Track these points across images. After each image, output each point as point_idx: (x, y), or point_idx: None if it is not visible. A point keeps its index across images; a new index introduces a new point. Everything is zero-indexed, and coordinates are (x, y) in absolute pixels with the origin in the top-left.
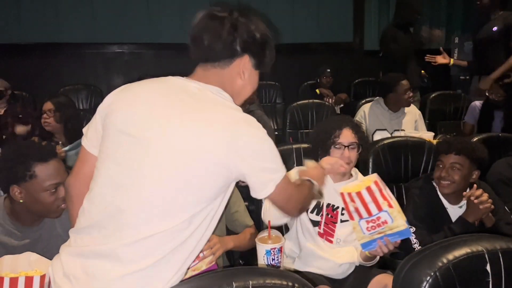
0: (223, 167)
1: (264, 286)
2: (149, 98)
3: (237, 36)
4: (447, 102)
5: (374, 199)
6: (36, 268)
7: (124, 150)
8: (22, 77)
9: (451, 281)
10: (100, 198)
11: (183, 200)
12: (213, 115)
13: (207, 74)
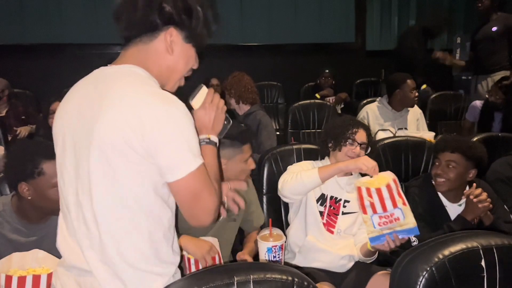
0: (132, 148)
1: (264, 281)
2: (71, 101)
3: (155, 6)
4: (448, 102)
5: (392, 196)
6: (43, 265)
7: (61, 157)
8: (26, 78)
9: (447, 276)
10: (66, 208)
11: (121, 199)
12: (114, 97)
13: (127, 55)
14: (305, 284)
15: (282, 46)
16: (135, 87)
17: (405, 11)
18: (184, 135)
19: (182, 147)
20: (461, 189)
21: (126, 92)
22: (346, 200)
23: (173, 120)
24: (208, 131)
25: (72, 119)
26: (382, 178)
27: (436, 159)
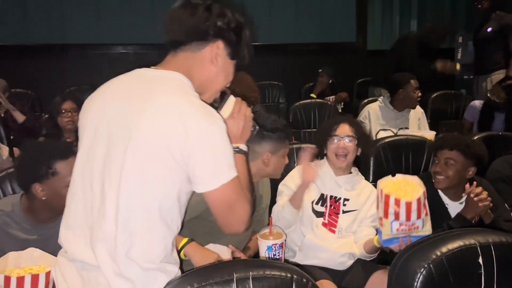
0: (170, 152)
1: (263, 277)
2: (108, 95)
3: (210, 19)
4: (448, 101)
5: (419, 209)
6: (39, 263)
7: (92, 151)
8: (28, 78)
9: (444, 272)
10: (81, 199)
11: (147, 198)
12: (161, 105)
13: (174, 61)
14: (304, 281)
15: (283, 46)
16: (182, 96)
17: (407, 11)
18: (222, 148)
19: (219, 159)
20: (461, 187)
21: (173, 99)
22: (346, 198)
23: (214, 133)
24: (237, 140)
25: (110, 112)
26: (411, 186)
27: (435, 157)
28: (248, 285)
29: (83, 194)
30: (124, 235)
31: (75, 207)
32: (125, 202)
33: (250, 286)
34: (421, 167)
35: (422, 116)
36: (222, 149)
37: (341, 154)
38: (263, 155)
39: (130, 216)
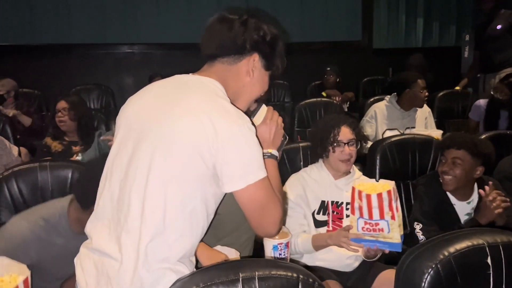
0: (199, 152)
1: (269, 277)
2: (145, 96)
3: (246, 33)
4: (455, 100)
5: (381, 206)
6: (10, 272)
7: (123, 145)
8: (35, 77)
9: (452, 273)
10: (109, 191)
11: (171, 195)
12: (194, 103)
13: (211, 69)
14: (310, 281)
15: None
16: (213, 99)
17: (413, 9)
18: (251, 149)
19: (248, 160)
20: (469, 187)
21: (204, 101)
22: (348, 202)
23: (243, 134)
24: (269, 145)
25: (144, 111)
26: (381, 186)
27: (442, 157)
28: (254, 285)
29: (111, 187)
30: (148, 230)
31: (103, 199)
32: (150, 199)
33: (256, 286)
34: (428, 166)
35: (429, 115)
36: (251, 150)
37: (346, 159)
38: None
39: (155, 213)
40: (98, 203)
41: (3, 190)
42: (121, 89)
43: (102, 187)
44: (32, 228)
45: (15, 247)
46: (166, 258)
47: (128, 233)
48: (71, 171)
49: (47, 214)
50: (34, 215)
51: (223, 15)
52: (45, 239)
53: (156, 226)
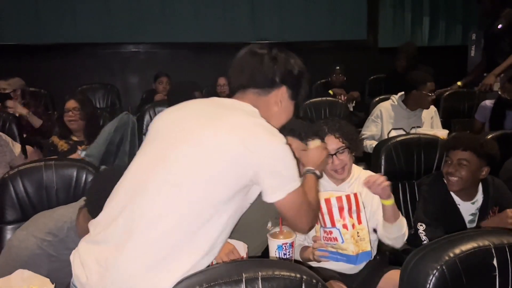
0: (238, 167)
1: (272, 278)
2: (184, 109)
3: (276, 69)
4: (461, 99)
5: (330, 213)
6: (31, 285)
7: (155, 146)
8: (41, 77)
9: (457, 274)
10: (126, 185)
11: (199, 201)
12: (234, 120)
13: (244, 97)
14: (313, 281)
15: (293, 44)
16: (252, 119)
17: (419, 8)
18: (285, 164)
19: (287, 173)
20: (474, 187)
21: (245, 120)
22: None
23: (282, 150)
24: (315, 167)
25: (184, 121)
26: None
27: (447, 158)
28: (257, 285)
29: (129, 185)
30: (156, 233)
31: (117, 195)
32: (165, 204)
33: (259, 286)
34: (433, 166)
35: (435, 115)
36: (285, 164)
37: (339, 169)
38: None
39: (169, 220)
40: (112, 198)
41: (8, 189)
42: (127, 88)
43: (118, 185)
44: (40, 245)
45: (24, 264)
46: (174, 269)
47: (142, 234)
48: (76, 170)
49: (56, 228)
50: (41, 229)
51: (254, 49)
52: (54, 256)
53: (168, 234)
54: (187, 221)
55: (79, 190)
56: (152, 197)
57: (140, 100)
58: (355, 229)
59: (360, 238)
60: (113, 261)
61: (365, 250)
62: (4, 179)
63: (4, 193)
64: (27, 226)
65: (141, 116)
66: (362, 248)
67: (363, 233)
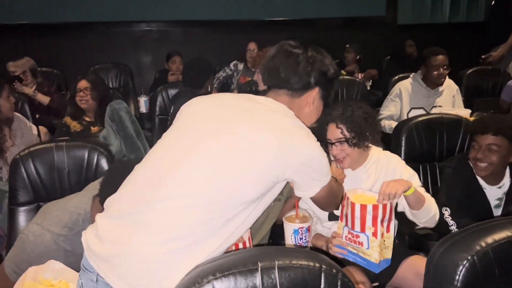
0: (271, 170)
1: (290, 267)
2: (219, 102)
3: (312, 71)
4: (484, 77)
5: (363, 219)
6: (60, 277)
7: (188, 134)
8: (54, 56)
9: (489, 266)
10: (151, 165)
11: (227, 196)
12: (270, 121)
13: (278, 98)
14: (333, 271)
15: (308, 20)
16: (290, 119)
17: None
18: (320, 160)
19: (317, 170)
20: (502, 171)
21: (280, 119)
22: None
23: (313, 148)
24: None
25: (216, 112)
26: (372, 199)
27: (475, 142)
28: (274, 275)
29: (156, 167)
30: (182, 219)
31: (141, 175)
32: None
33: (276, 276)
34: (457, 147)
35: (457, 93)
36: (320, 162)
37: (339, 158)
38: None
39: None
40: (130, 180)
41: (20, 170)
42: (139, 67)
43: (139, 166)
44: (56, 240)
45: (39, 259)
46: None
47: (152, 222)
48: (88, 151)
49: (71, 222)
50: (56, 223)
51: (288, 49)
52: (70, 250)
53: (183, 225)
54: (214, 214)
55: (91, 172)
56: (182, 184)
57: (153, 80)
58: (383, 237)
59: (385, 246)
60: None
61: (387, 257)
62: (15, 160)
63: (15, 174)
64: (41, 219)
65: (154, 97)
66: (384, 256)
67: (389, 241)
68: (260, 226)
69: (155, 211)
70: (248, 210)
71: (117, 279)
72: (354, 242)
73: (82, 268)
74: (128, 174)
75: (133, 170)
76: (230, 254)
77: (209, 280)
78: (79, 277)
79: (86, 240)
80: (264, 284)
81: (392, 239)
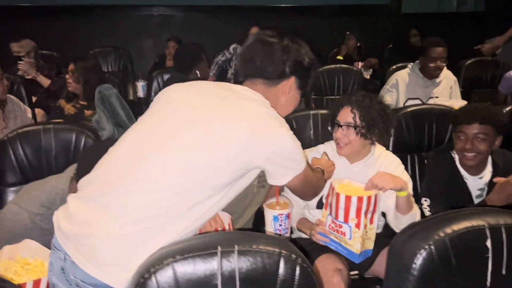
0: (246, 155)
1: (249, 251)
2: (196, 90)
3: (287, 60)
4: (484, 69)
5: (347, 210)
6: (36, 256)
7: (162, 118)
8: (54, 39)
9: (446, 255)
10: (124, 148)
11: (201, 182)
12: (244, 110)
13: (254, 87)
14: (292, 257)
15: (310, 7)
16: (265, 108)
17: None
18: (293, 149)
19: (290, 159)
20: (485, 160)
21: (256, 108)
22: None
23: (286, 137)
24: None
25: (192, 99)
26: (359, 191)
27: (461, 133)
28: (233, 259)
29: (129, 149)
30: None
31: (114, 157)
32: (165, 177)
33: (235, 260)
34: (445, 139)
35: (454, 84)
36: (293, 151)
37: (340, 143)
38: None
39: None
40: (103, 162)
41: (8, 152)
42: (140, 52)
43: (112, 148)
44: (33, 219)
45: (17, 237)
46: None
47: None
48: (75, 134)
49: (48, 201)
50: (34, 203)
51: (264, 38)
52: (47, 229)
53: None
54: (184, 198)
55: (78, 155)
56: (154, 168)
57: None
58: (366, 229)
59: (368, 237)
60: (101, 220)
61: (368, 248)
62: (3, 141)
63: (3, 155)
64: (19, 199)
65: (150, 82)
66: (366, 247)
67: (371, 232)
68: (243, 211)
69: (126, 194)
70: (219, 195)
71: (84, 258)
72: (337, 231)
73: (52, 247)
74: (101, 154)
75: (106, 153)
76: (194, 238)
77: (168, 262)
78: (50, 256)
79: (57, 219)
80: (222, 268)
81: (374, 231)
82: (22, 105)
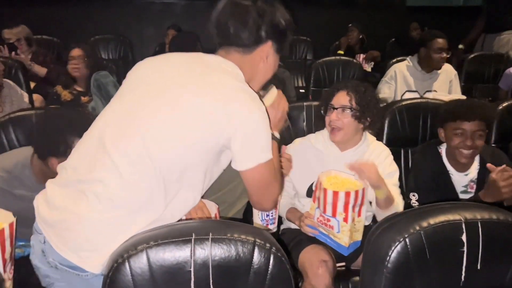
0: (214, 131)
1: (223, 239)
2: (166, 63)
3: (262, 24)
4: (487, 63)
5: (334, 205)
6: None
7: (133, 97)
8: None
9: (421, 248)
10: (97, 132)
11: (171, 162)
12: (216, 85)
13: (229, 56)
14: (267, 246)
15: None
16: (236, 82)
17: None
18: (262, 133)
19: (260, 142)
20: None
21: (227, 84)
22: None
23: (259, 119)
24: (273, 128)
25: (159, 73)
26: (349, 185)
27: (459, 129)
28: (207, 247)
29: (103, 132)
30: (124, 186)
31: (89, 141)
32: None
33: (209, 247)
34: None
35: (454, 78)
36: (261, 133)
37: (334, 127)
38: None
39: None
40: (80, 144)
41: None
42: (141, 40)
43: (88, 131)
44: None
45: None
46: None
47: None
48: None
49: (9, 165)
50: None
51: (236, 1)
52: (8, 191)
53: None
54: (158, 182)
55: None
56: (127, 153)
57: (153, 53)
58: (354, 222)
59: (356, 230)
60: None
61: (357, 240)
62: None
63: None
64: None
65: None
66: (354, 238)
67: (360, 224)
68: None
69: (101, 179)
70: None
71: (61, 244)
72: (325, 225)
73: (33, 231)
74: (60, 125)
75: (81, 138)
76: (170, 225)
77: (142, 248)
78: (31, 239)
79: (37, 204)
80: (195, 254)
81: (363, 223)
82: (19, 90)
